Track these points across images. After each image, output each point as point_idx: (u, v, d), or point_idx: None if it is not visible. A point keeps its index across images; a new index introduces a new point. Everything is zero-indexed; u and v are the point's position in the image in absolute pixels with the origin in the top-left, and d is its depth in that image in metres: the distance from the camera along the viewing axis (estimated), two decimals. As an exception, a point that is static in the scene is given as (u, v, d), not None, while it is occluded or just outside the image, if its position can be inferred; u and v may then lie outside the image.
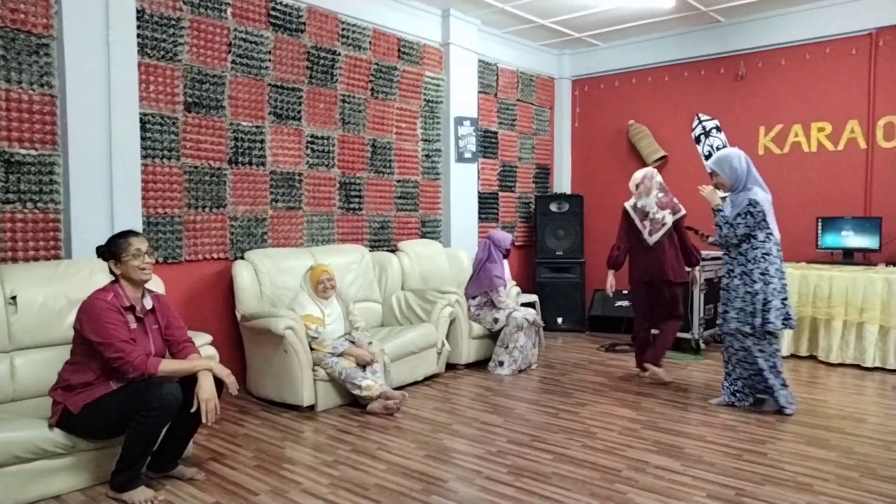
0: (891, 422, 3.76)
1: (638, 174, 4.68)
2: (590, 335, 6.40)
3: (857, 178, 5.54)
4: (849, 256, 5.28)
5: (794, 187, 5.82)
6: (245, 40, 4.48)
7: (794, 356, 5.31)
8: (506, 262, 5.26)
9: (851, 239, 5.28)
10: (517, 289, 5.60)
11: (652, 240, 4.48)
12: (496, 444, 3.41)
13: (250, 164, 4.55)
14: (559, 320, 6.52)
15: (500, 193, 6.69)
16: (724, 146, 6.17)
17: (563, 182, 7.36)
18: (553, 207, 6.71)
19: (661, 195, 4.54)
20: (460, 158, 6.04)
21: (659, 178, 4.63)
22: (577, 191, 7.11)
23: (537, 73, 7.04)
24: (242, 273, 4.21)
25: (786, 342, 5.30)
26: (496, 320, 4.96)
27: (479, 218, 6.36)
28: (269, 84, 4.64)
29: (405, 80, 5.61)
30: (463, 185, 6.12)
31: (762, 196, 3.84)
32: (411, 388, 4.40)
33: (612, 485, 2.90)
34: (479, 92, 6.30)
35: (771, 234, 3.85)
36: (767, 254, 3.83)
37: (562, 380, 4.74)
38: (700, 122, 6.39)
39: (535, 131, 7.10)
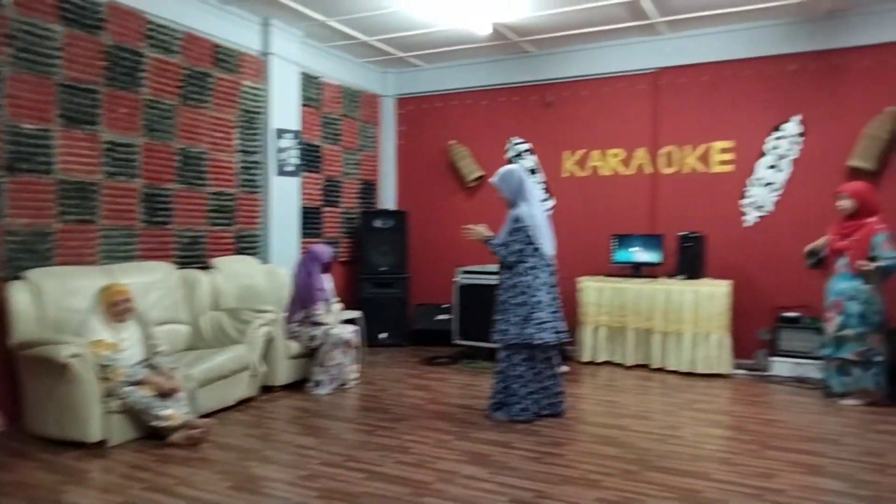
0: (668, 417, 4.24)
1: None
2: (413, 349, 6.50)
3: (644, 199, 6.23)
4: (637, 270, 5.89)
5: (593, 207, 6.40)
6: (28, 33, 4.00)
7: (591, 362, 5.80)
8: (328, 276, 5.18)
9: (640, 254, 5.91)
10: (340, 305, 5.55)
11: None
12: (308, 468, 3.33)
13: (32, 171, 4.05)
14: (383, 335, 6.56)
15: (324, 208, 6.60)
16: (535, 168, 6.63)
17: (388, 198, 7.44)
18: (378, 223, 6.76)
19: None
20: (281, 171, 5.87)
21: None
22: (402, 207, 7.23)
23: (362, 89, 7.08)
24: (18, 295, 3.71)
25: (587, 349, 5.79)
26: (313, 338, 4.86)
27: (303, 233, 6.22)
28: (58, 83, 4.18)
29: (221, 88, 5.35)
30: (284, 198, 5.94)
31: (527, 211, 3.98)
32: (222, 415, 4.16)
33: (420, 498, 2.95)
34: (303, 105, 6.18)
35: (538, 248, 3.98)
36: (533, 268, 3.98)
37: (381, 396, 4.76)
38: (513, 144, 6.81)
39: (360, 147, 7.11)
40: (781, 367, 5.27)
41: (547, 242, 4.05)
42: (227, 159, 5.45)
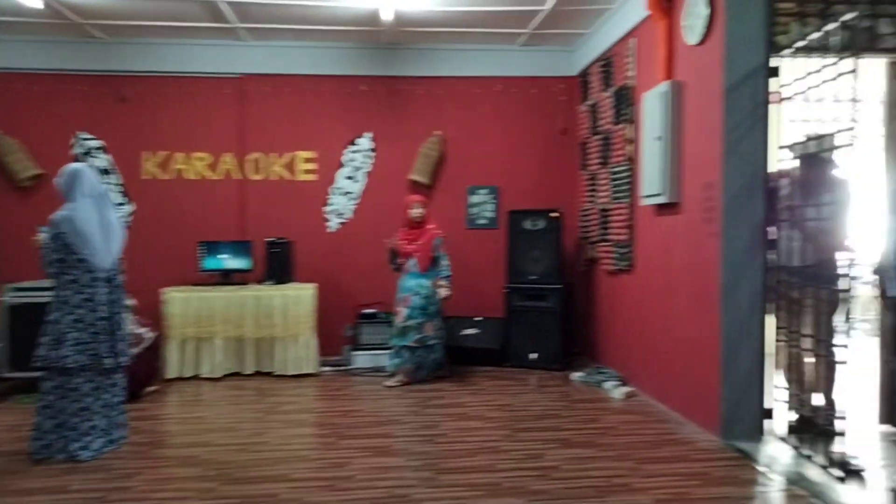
0: (255, 425, 4.21)
1: None
2: None
3: (233, 205, 6.12)
4: (227, 277, 5.76)
5: (178, 212, 6.03)
6: None
7: (179, 378, 5.44)
8: None
9: (229, 261, 5.78)
10: None
11: None
12: None
13: None
14: None
15: None
16: (110, 169, 5.92)
17: None
18: None
19: None
20: None
21: None
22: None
23: None
24: None
25: (173, 364, 5.40)
26: None
27: None
28: None
29: None
30: None
31: (66, 216, 3.48)
32: None
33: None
34: None
35: (83, 259, 3.51)
36: (73, 282, 3.50)
37: None
38: (79, 140, 5.95)
39: None
40: (363, 359, 5.77)
41: (98, 253, 3.53)
42: None
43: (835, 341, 3.47)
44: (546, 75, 6.33)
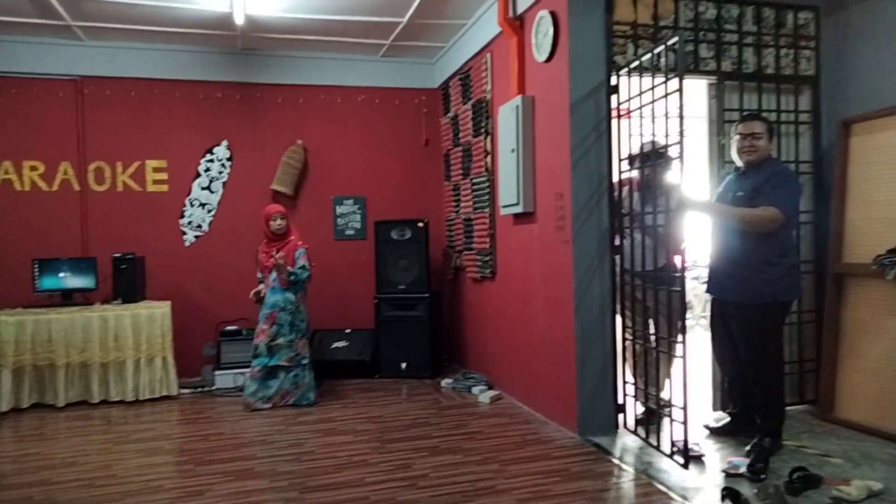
0: (103, 456, 3.87)
1: None
2: None
3: (73, 219, 5.62)
4: (68, 297, 5.26)
5: (8, 227, 5.45)
6: None
7: (15, 410, 4.89)
8: None
9: (70, 279, 5.28)
10: None
11: None
12: None
13: None
14: None
15: None
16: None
17: None
18: None
19: None
20: None
21: None
22: None
23: None
24: None
25: (6, 396, 4.85)
26: None
27: None
28: None
29: None
30: None
31: None
32: None
33: None
34: None
35: None
36: None
37: None
38: None
39: None
40: (225, 379, 5.48)
41: None
42: None
43: (674, 338, 3.78)
44: (408, 86, 6.41)
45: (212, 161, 5.94)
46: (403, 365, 5.73)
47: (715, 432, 3.91)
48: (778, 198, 3.40)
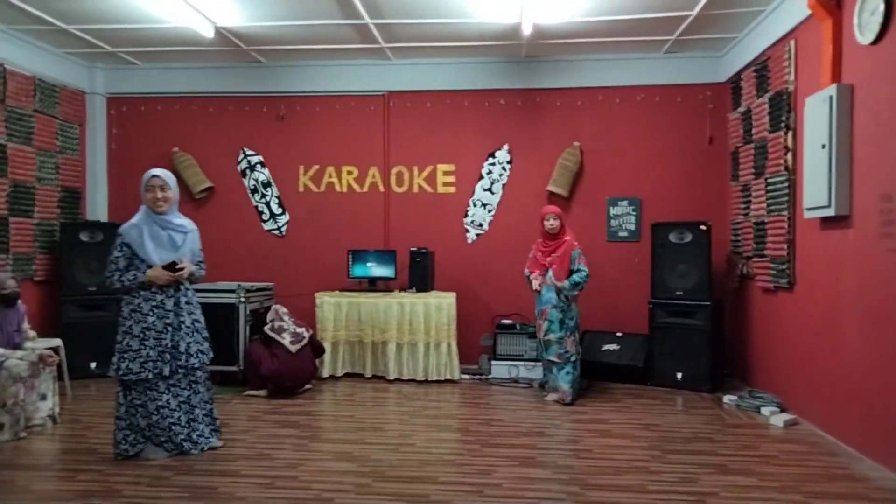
0: (402, 426, 4.38)
1: None
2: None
3: (378, 216, 6.43)
4: (373, 284, 6.04)
5: (329, 223, 6.42)
6: None
7: (332, 377, 5.77)
8: (15, 309, 4.34)
9: (375, 269, 6.06)
10: (33, 332, 4.68)
11: None
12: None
13: None
14: (93, 365, 5.72)
15: (12, 219, 5.55)
16: (269, 182, 6.43)
17: (97, 208, 6.55)
18: (84, 237, 5.89)
19: None
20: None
21: None
22: (116, 218, 6.39)
23: (62, 83, 6.14)
24: None
25: (328, 364, 5.73)
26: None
27: (-21, 249, 5.15)
28: None
29: None
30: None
31: (128, 224, 3.82)
32: None
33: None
34: (-24, 94, 5.14)
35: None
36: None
37: (86, 435, 4.12)
38: (245, 156, 6.51)
39: (60, 149, 6.15)
40: (500, 369, 5.80)
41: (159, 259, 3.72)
42: None
43: None
44: (692, 82, 6.09)
45: (493, 164, 6.31)
46: (679, 375, 5.46)
47: None
48: None
